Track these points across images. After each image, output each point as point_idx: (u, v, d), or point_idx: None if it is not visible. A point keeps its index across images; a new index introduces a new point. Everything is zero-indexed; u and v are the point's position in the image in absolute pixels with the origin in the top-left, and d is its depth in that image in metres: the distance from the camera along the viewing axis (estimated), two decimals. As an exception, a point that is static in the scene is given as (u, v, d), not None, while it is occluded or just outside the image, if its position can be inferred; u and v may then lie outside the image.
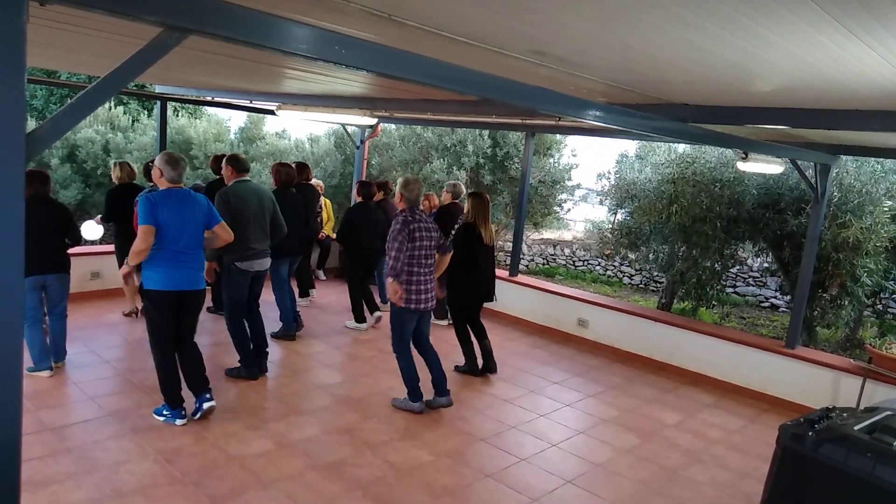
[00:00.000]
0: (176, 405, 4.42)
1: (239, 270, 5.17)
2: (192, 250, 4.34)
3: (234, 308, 5.28)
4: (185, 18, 1.59)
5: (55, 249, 4.95)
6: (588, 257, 15.77)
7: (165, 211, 4.16)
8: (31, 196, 4.80)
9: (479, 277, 5.86)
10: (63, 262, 5.02)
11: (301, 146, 15.95)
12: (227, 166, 5.27)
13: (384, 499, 3.77)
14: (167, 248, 4.20)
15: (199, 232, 4.39)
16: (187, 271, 4.32)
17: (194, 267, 4.38)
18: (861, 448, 2.87)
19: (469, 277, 5.79)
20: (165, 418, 4.43)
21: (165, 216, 4.16)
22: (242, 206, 5.10)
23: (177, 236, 4.22)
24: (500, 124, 8.72)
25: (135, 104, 17.29)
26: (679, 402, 5.90)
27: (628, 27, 2.26)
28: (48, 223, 4.87)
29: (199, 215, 4.37)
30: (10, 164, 1.36)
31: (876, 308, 10.54)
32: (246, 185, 5.23)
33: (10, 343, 1.45)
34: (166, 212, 4.17)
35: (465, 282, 5.81)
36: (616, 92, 3.87)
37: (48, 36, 3.75)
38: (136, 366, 5.38)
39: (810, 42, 2.21)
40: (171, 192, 4.27)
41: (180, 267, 4.28)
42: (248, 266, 5.20)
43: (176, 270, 4.27)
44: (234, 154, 5.48)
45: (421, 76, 2.23)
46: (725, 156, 8.44)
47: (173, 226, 4.20)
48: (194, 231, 4.34)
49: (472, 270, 5.78)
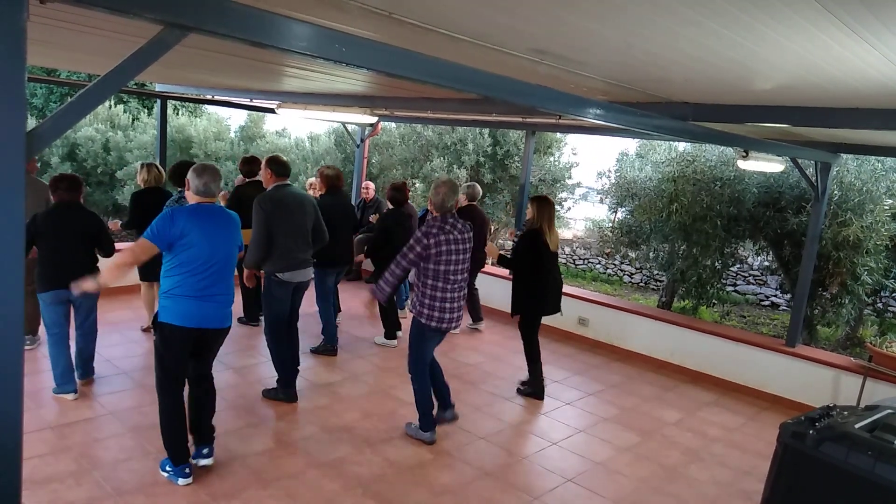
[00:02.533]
0: (180, 460, 3.66)
1: (280, 282, 4.78)
2: (224, 280, 3.64)
3: (275, 323, 4.88)
4: (186, 16, 1.59)
5: (84, 261, 4.53)
6: (588, 256, 15.78)
7: (193, 231, 3.44)
8: (58, 203, 4.53)
9: (549, 287, 5.40)
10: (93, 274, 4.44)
11: (301, 144, 15.96)
12: (266, 169, 4.87)
13: (384, 497, 3.77)
14: (194, 276, 3.48)
15: (232, 257, 3.69)
16: (214, 306, 3.59)
17: (223, 301, 3.65)
18: (862, 446, 2.87)
19: (539, 288, 5.32)
20: (168, 475, 3.69)
21: (192, 237, 3.44)
22: (284, 213, 4.72)
23: (207, 263, 3.51)
24: (500, 123, 8.72)
25: (135, 102, 17.29)
26: (679, 401, 5.90)
27: (629, 25, 2.25)
28: (76, 233, 4.53)
29: (235, 236, 3.74)
30: (11, 163, 1.36)
31: (876, 307, 10.53)
32: (287, 190, 4.83)
33: (11, 342, 1.45)
34: (194, 232, 3.45)
35: (534, 294, 5.34)
36: (616, 90, 3.87)
37: (48, 34, 3.75)
38: (137, 364, 5.38)
39: (811, 40, 2.20)
40: (200, 207, 3.56)
41: (207, 300, 3.55)
42: (290, 277, 4.80)
43: (202, 304, 3.53)
44: (275, 156, 4.99)
45: (421, 74, 2.23)
46: (726, 154, 8.44)
47: (202, 249, 3.48)
48: (227, 257, 3.64)
49: (543, 280, 5.31)
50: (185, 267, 3.47)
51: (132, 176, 13.58)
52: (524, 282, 5.35)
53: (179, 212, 3.48)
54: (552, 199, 5.57)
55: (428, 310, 4.24)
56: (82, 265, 4.46)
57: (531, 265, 5.27)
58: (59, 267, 4.45)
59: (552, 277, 5.45)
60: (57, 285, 4.42)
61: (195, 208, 3.55)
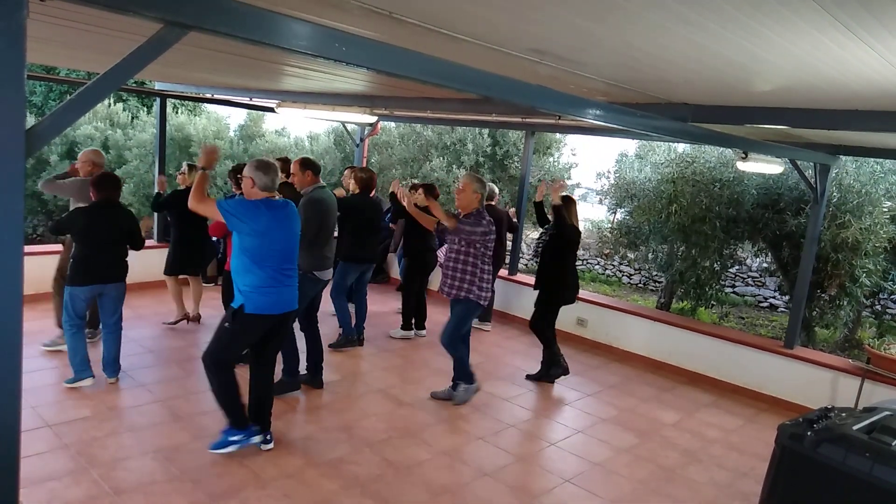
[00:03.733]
0: (245, 423, 4.00)
1: (315, 280, 4.91)
2: (294, 264, 3.97)
3: (303, 319, 5.08)
4: (186, 15, 1.59)
5: (117, 258, 4.79)
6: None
7: (273, 225, 3.72)
8: (99, 201, 4.69)
9: (572, 279, 5.92)
10: (124, 270, 4.86)
11: (300, 144, 15.94)
12: (306, 171, 4.94)
13: (382, 497, 3.77)
14: (277, 267, 3.77)
15: (297, 245, 4.02)
16: (291, 290, 3.93)
17: (296, 284, 4.00)
18: (860, 448, 2.87)
19: (566, 280, 5.84)
20: (240, 441, 3.97)
21: (274, 232, 3.73)
22: (328, 213, 4.96)
23: (285, 253, 3.82)
24: (499, 123, 8.72)
25: (134, 101, 17.27)
26: (677, 402, 5.90)
27: (629, 25, 2.26)
28: (114, 231, 4.75)
29: (298, 226, 4.00)
30: (10, 160, 1.35)
31: (874, 309, 10.56)
32: (325, 191, 5.04)
33: (10, 338, 1.45)
34: (274, 226, 3.73)
35: (562, 285, 5.84)
36: (616, 91, 3.87)
37: (48, 32, 3.74)
38: (136, 363, 5.37)
39: (811, 41, 2.21)
40: (271, 203, 3.79)
41: (287, 286, 3.88)
42: (323, 275, 4.99)
43: (282, 290, 3.85)
44: (308, 158, 5.10)
45: (421, 74, 2.23)
46: (725, 155, 8.44)
47: (283, 242, 3.80)
48: (296, 244, 3.98)
49: (570, 272, 5.88)
50: (270, 261, 3.73)
51: (131, 174, 13.57)
52: (556, 272, 5.80)
53: (259, 205, 3.70)
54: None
55: (478, 290, 4.93)
56: (117, 259, 4.81)
57: (563, 258, 5.77)
58: (97, 263, 4.68)
59: (574, 270, 6.04)
60: (92, 280, 4.67)
61: (268, 203, 3.76)
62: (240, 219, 3.65)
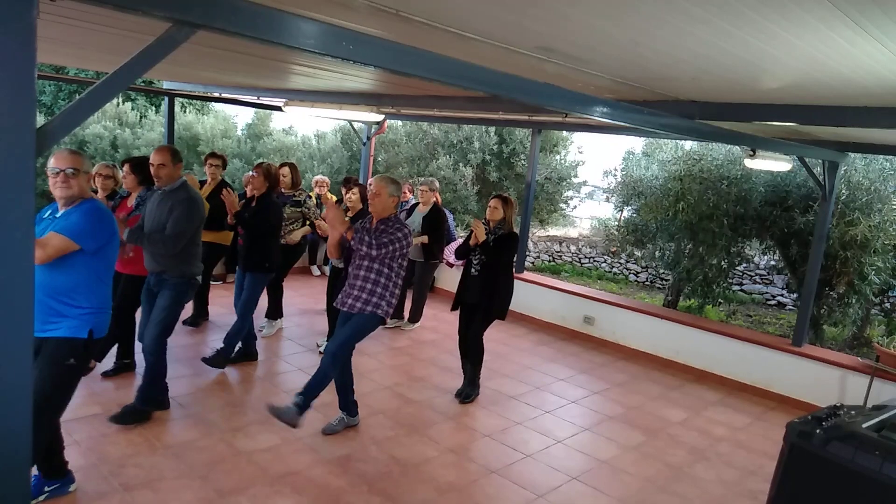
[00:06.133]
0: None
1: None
2: None
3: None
4: (194, 14, 1.59)
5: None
6: (594, 254, 15.72)
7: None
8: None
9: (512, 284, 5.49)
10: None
11: (308, 142, 15.98)
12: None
13: (390, 494, 3.78)
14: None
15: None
16: None
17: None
18: (869, 446, 2.86)
19: (510, 285, 5.39)
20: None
21: None
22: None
23: None
24: (506, 121, 8.71)
25: (142, 100, 17.37)
26: (685, 400, 5.89)
27: (637, 23, 2.25)
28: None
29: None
30: (21, 159, 1.36)
31: (884, 306, 10.48)
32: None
33: (22, 337, 1.46)
34: None
35: (508, 290, 5.36)
36: (623, 88, 3.85)
37: (57, 32, 3.77)
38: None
39: (819, 38, 2.19)
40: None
41: None
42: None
43: None
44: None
45: (428, 72, 2.23)
46: (733, 153, 8.41)
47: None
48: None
49: (511, 277, 5.46)
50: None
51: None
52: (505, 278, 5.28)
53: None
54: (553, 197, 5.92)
55: (387, 305, 4.26)
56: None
57: (508, 265, 5.33)
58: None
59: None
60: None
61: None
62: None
